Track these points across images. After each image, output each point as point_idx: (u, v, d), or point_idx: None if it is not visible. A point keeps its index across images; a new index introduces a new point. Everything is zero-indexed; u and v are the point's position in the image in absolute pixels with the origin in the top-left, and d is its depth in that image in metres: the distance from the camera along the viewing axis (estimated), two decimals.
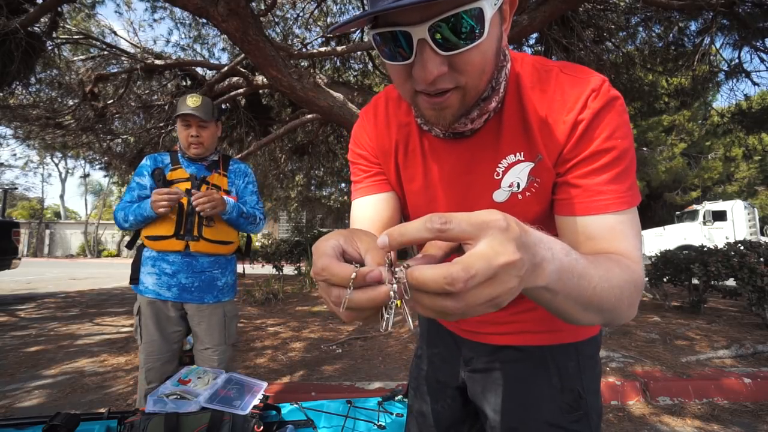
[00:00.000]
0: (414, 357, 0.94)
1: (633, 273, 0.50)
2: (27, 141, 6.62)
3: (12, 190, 19.71)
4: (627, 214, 0.55)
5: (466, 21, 0.44)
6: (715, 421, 2.16)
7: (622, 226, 0.54)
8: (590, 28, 4.43)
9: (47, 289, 7.96)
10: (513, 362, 0.74)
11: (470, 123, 0.59)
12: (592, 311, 0.46)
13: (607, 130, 0.54)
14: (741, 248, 4.05)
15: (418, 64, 0.47)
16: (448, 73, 0.48)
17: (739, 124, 5.88)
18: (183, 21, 5.77)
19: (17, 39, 3.19)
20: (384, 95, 0.74)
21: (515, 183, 0.62)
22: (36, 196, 30.63)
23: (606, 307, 0.46)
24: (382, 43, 0.49)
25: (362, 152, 0.75)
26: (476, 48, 0.47)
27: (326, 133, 6.45)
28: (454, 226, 0.31)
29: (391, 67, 0.52)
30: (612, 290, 0.46)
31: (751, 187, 16.00)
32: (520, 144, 0.60)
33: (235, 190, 1.85)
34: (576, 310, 0.45)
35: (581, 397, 0.70)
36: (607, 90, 0.55)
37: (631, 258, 0.52)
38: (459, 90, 0.51)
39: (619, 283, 0.47)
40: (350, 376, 2.80)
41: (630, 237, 0.54)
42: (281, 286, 6.86)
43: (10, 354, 3.46)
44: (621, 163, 0.54)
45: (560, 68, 0.59)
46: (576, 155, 0.56)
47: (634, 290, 0.50)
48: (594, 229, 0.54)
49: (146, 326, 1.70)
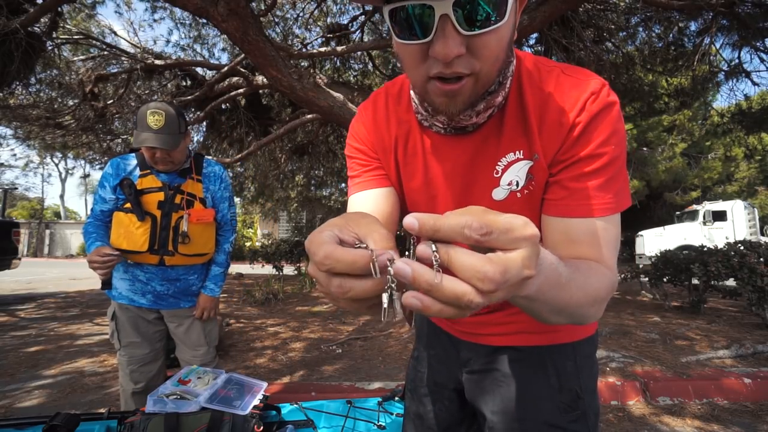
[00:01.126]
0: (410, 359, 0.94)
1: (608, 280, 0.52)
2: (27, 141, 6.62)
3: (12, 190, 19.72)
4: (609, 221, 0.56)
5: (489, 2, 0.44)
6: (715, 421, 2.16)
7: (604, 233, 0.55)
8: (590, 28, 4.42)
9: (47, 289, 7.96)
10: (511, 363, 0.74)
11: (475, 116, 0.58)
12: (562, 315, 0.48)
13: (602, 135, 0.55)
14: (741, 248, 4.05)
15: (439, 41, 0.45)
16: (465, 56, 0.47)
17: (739, 124, 5.88)
18: (183, 21, 5.77)
19: (17, 39, 3.19)
20: (384, 91, 0.73)
21: (514, 181, 0.62)
22: (36, 196, 30.67)
23: (576, 312, 0.48)
24: (396, 21, 0.47)
25: (361, 146, 0.73)
26: (495, 32, 0.46)
27: (326, 133, 6.45)
28: (494, 239, 0.30)
29: (403, 47, 0.50)
30: (586, 298, 0.48)
31: (751, 187, 15.99)
32: (520, 142, 0.61)
33: (210, 196, 1.73)
34: (548, 315, 0.46)
35: (579, 396, 0.71)
36: (606, 94, 0.56)
37: (608, 266, 0.54)
38: (472, 77, 0.50)
39: (593, 291, 0.49)
40: (350, 376, 2.80)
41: (610, 245, 0.56)
42: (281, 286, 6.86)
43: (10, 354, 3.46)
44: (610, 169, 0.55)
45: (562, 69, 0.59)
46: (569, 157, 0.57)
47: (606, 296, 0.52)
48: (576, 233, 0.56)
49: (124, 330, 1.67)
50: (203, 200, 1.70)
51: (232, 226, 1.84)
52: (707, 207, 11.69)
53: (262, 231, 19.45)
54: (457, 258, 0.29)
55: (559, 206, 0.58)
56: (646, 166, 12.88)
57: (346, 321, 4.65)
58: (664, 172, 12.92)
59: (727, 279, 4.08)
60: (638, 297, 5.76)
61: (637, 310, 4.74)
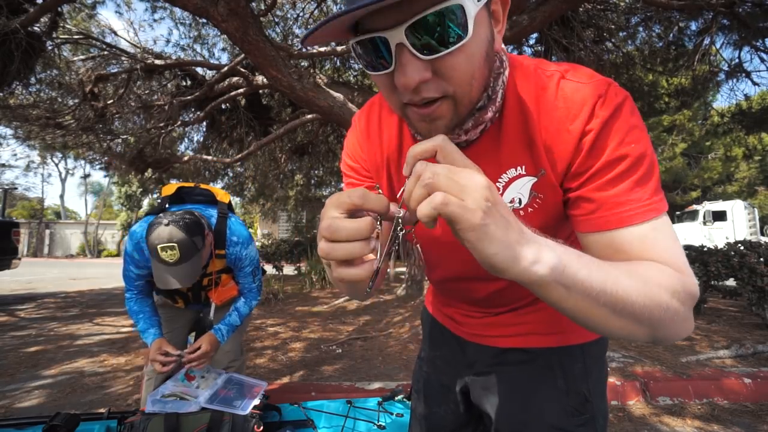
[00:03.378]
0: (417, 359, 0.93)
1: (675, 278, 0.44)
2: (27, 141, 6.62)
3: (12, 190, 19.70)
4: (656, 222, 0.49)
5: (446, 20, 0.41)
6: (716, 422, 2.16)
7: (655, 234, 0.48)
8: (590, 28, 4.42)
9: (47, 289, 7.95)
10: (518, 364, 0.73)
11: (464, 134, 0.55)
12: (625, 317, 0.41)
13: (618, 136, 0.50)
14: (741, 248, 4.05)
15: (398, 71, 0.44)
16: (433, 80, 0.45)
17: (739, 124, 5.88)
18: (183, 21, 5.77)
19: (17, 39, 3.19)
20: (378, 100, 0.70)
21: (516, 199, 0.59)
22: (36, 196, 30.63)
23: (644, 314, 0.41)
24: (363, 53, 0.46)
25: (353, 164, 0.71)
26: (460, 51, 0.43)
27: (326, 133, 6.45)
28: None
29: (375, 78, 0.49)
30: (650, 292, 0.41)
31: (751, 187, 16.00)
32: (522, 157, 0.57)
33: (233, 266, 1.71)
34: (602, 313, 0.40)
35: (588, 400, 0.69)
36: (613, 94, 0.51)
37: (673, 265, 0.46)
38: (448, 99, 0.47)
39: (659, 286, 0.42)
40: (350, 376, 2.80)
41: (666, 245, 0.48)
42: (281, 286, 6.86)
43: (10, 354, 3.46)
44: (638, 168, 0.49)
45: (562, 73, 0.55)
46: (588, 168, 0.52)
47: (687, 298, 0.44)
48: (621, 243, 0.49)
49: None
50: (228, 270, 1.72)
51: (258, 292, 1.79)
52: (707, 207, 11.69)
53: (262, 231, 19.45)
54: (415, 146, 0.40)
55: (592, 221, 0.51)
56: None
57: (346, 321, 4.65)
58: (664, 172, 12.92)
59: (727, 279, 4.08)
60: None
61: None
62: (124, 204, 25.52)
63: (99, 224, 26.32)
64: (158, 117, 5.48)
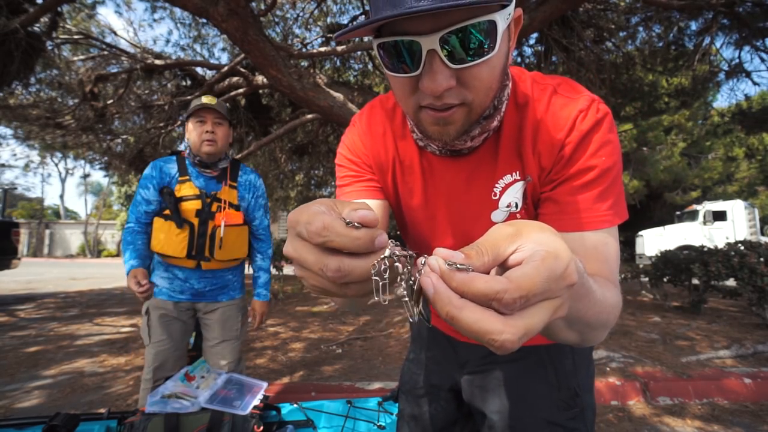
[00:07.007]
0: (405, 361, 0.94)
1: (617, 298, 0.50)
2: (27, 141, 6.62)
3: (12, 190, 19.71)
4: (606, 234, 0.54)
5: (478, 34, 0.43)
6: (716, 422, 2.16)
7: (604, 248, 0.53)
8: (590, 28, 4.42)
9: (47, 289, 7.95)
10: (510, 362, 0.75)
11: (470, 141, 0.58)
12: (573, 330, 0.44)
13: (592, 148, 0.54)
14: (741, 248, 4.05)
15: (426, 75, 0.45)
16: (455, 87, 0.47)
17: (740, 124, 5.89)
18: (183, 21, 5.76)
19: (17, 39, 3.19)
20: (378, 104, 0.72)
21: (513, 203, 0.62)
22: (36, 196, 30.65)
23: (592, 326, 0.45)
24: (386, 54, 0.47)
25: (353, 158, 0.71)
26: (486, 63, 0.46)
27: (326, 133, 6.44)
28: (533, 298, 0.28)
29: (394, 79, 0.50)
30: (601, 313, 0.45)
31: (751, 187, 15.98)
32: (516, 164, 0.61)
33: (245, 205, 1.79)
34: (558, 328, 0.43)
35: (577, 394, 0.72)
36: (595, 110, 0.55)
37: (614, 283, 0.52)
38: (465, 106, 0.49)
39: (608, 306, 0.46)
40: (350, 376, 2.80)
41: (610, 260, 0.54)
42: (281, 286, 6.86)
43: (10, 354, 3.46)
44: (603, 181, 0.54)
45: (555, 87, 0.59)
46: (562, 175, 0.57)
47: (616, 315, 0.50)
48: (574, 247, 0.51)
49: (154, 327, 1.70)
50: (237, 207, 1.76)
51: (269, 237, 1.89)
52: (707, 207, 11.68)
53: None
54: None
55: (553, 222, 0.55)
56: (646, 165, 12.87)
57: (346, 321, 4.65)
58: (664, 172, 12.92)
59: (728, 279, 4.08)
60: (638, 297, 5.76)
61: (637, 310, 4.73)
62: (124, 204, 25.52)
63: (99, 224, 26.31)
64: (158, 117, 5.47)
